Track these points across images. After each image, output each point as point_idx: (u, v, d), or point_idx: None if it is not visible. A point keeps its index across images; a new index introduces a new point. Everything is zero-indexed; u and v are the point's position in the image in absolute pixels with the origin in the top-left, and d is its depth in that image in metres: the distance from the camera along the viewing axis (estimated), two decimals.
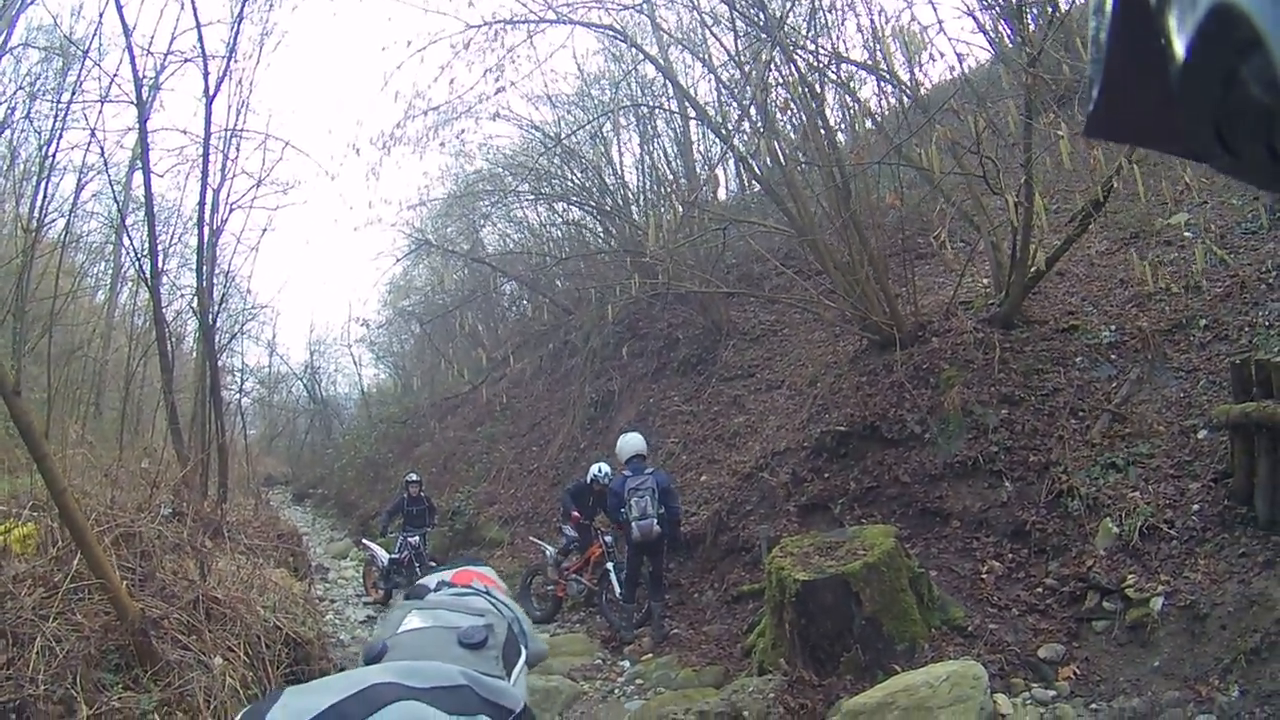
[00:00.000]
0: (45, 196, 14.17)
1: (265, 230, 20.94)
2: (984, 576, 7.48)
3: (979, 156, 8.36)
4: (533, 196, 19.53)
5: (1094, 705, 5.96)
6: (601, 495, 11.18)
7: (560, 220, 21.04)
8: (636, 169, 19.68)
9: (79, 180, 15.12)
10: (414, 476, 14.65)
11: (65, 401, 12.86)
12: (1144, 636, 6.20)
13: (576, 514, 11.32)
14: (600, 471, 11.49)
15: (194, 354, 17.00)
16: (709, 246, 14.14)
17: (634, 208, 18.40)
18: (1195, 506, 6.70)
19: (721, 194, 18.26)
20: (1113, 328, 8.75)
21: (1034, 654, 6.58)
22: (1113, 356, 8.46)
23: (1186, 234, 9.12)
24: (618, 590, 10.35)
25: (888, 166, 10.93)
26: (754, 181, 13.41)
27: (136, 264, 11.75)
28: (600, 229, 19.50)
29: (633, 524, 9.59)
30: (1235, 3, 0.52)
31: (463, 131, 16.02)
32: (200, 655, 4.37)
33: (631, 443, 10.42)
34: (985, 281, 10.47)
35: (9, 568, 4.13)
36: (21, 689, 3.11)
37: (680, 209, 13.09)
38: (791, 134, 11.37)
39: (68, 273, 16.80)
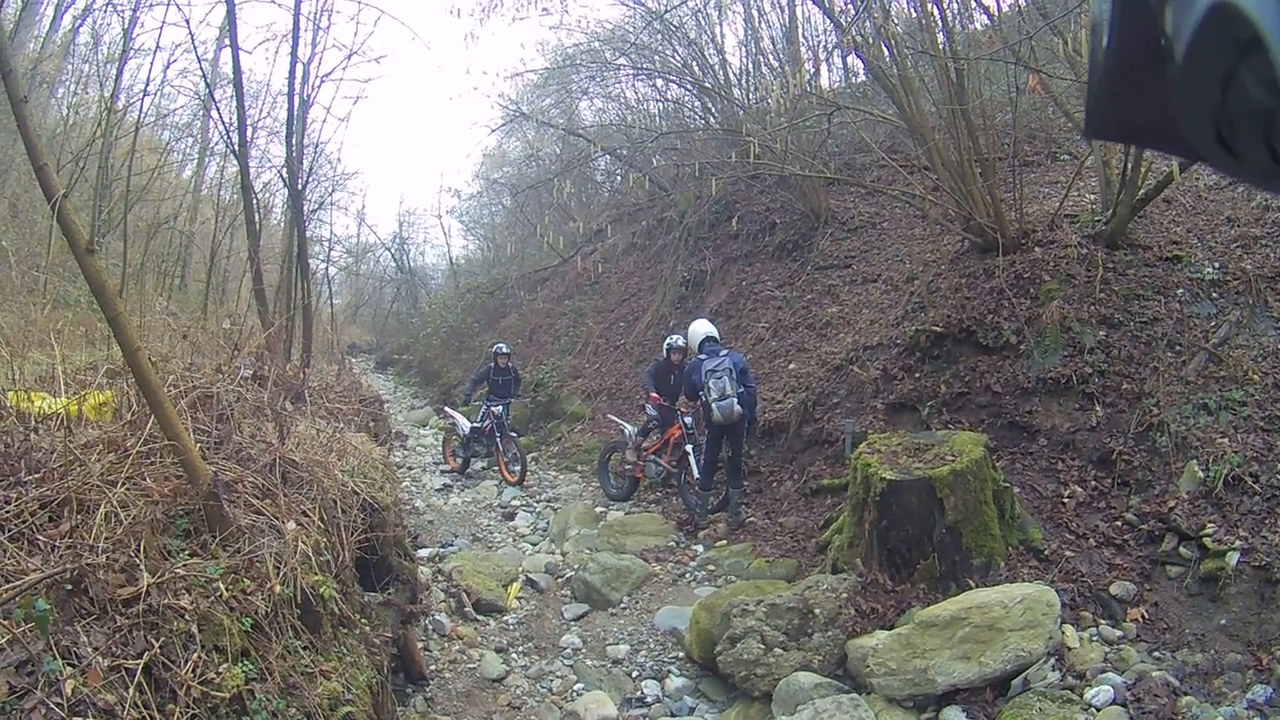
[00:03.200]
0: (131, 78, 14.20)
1: (356, 100, 20.92)
2: (1065, 501, 7.26)
3: None
4: (632, 71, 19.27)
5: (1157, 653, 5.78)
6: (680, 367, 11.11)
7: (659, 98, 20.68)
8: (740, 50, 19.20)
9: (167, 60, 15.23)
10: (504, 347, 14.65)
11: (152, 275, 13.08)
12: (1215, 590, 5.98)
13: (656, 394, 11.26)
14: (675, 340, 11.41)
15: (281, 225, 17.12)
16: (813, 132, 13.67)
17: (735, 89, 17.89)
18: None
19: (825, 83, 17.75)
20: (1216, 265, 8.33)
21: (1106, 589, 6.38)
22: (1214, 294, 8.04)
23: None
24: (696, 473, 10.32)
25: (1001, 70, 10.48)
26: (860, 72, 12.95)
27: (225, 136, 11.73)
28: (700, 107, 19.01)
29: (713, 405, 9.47)
30: (1235, 3, 0.52)
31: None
32: (273, 520, 4.37)
33: (702, 328, 10.30)
34: (1092, 198, 10.02)
35: (80, 435, 4.14)
36: (80, 558, 3.09)
37: (787, 90, 12.70)
38: (906, 24, 10.90)
39: (154, 149, 16.97)
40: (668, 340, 11.59)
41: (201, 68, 12.96)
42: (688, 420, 10.79)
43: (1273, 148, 0.55)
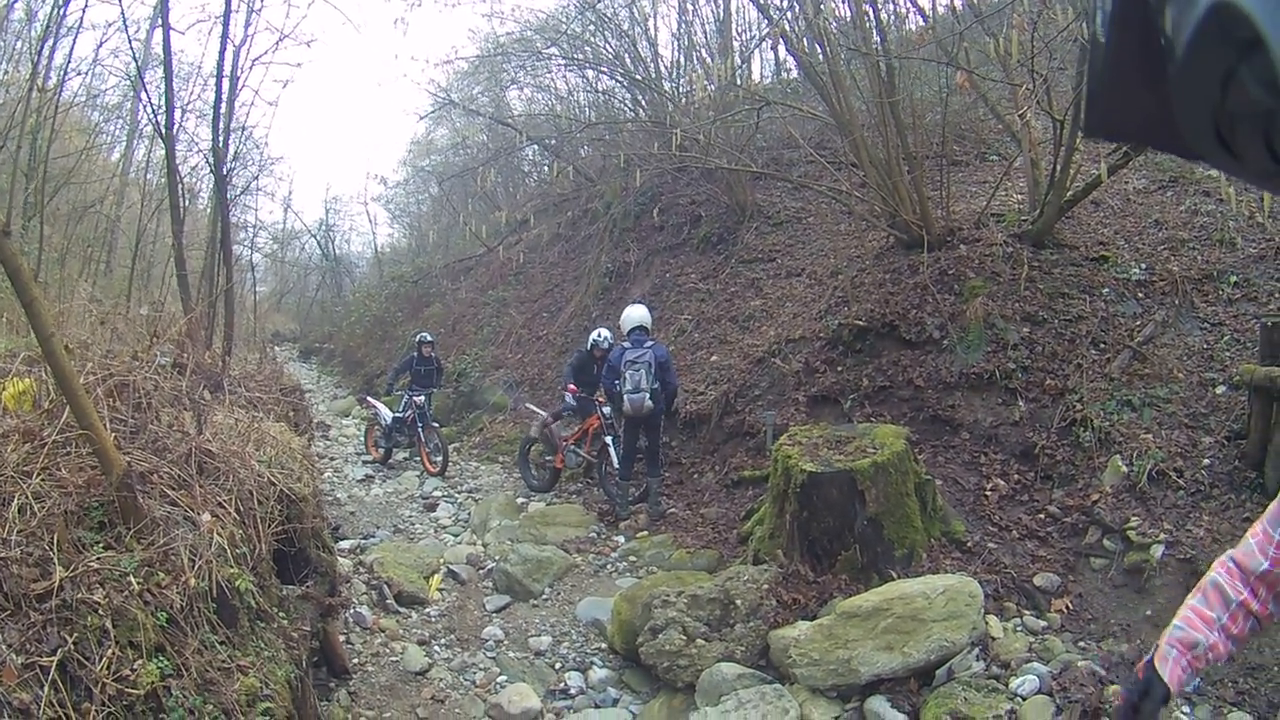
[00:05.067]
0: (63, 57, 13.85)
1: (286, 85, 20.63)
2: (988, 494, 7.43)
3: (1030, 70, 8.12)
4: (563, 62, 19.27)
5: (1083, 643, 5.95)
6: (603, 360, 11.07)
7: (589, 89, 20.71)
8: (674, 43, 19.32)
9: (99, 39, 14.91)
10: (427, 336, 14.61)
11: (76, 260, 12.78)
12: (1140, 582, 6.17)
13: (574, 386, 11.25)
14: (600, 336, 11.45)
15: (207, 210, 16.85)
16: (741, 126, 13.75)
17: (666, 83, 17.94)
18: (1206, 461, 6.62)
19: (756, 77, 17.90)
20: (1143, 266, 8.60)
21: (1029, 580, 6.55)
22: (1140, 295, 8.31)
23: (1227, 189, 8.89)
24: (616, 464, 10.35)
25: (933, 71, 10.65)
26: (792, 68, 13.07)
27: (153, 118, 11.48)
28: (630, 100, 19.07)
29: (624, 396, 9.53)
30: (1235, 2, 0.52)
31: None
32: (189, 512, 4.29)
33: (635, 314, 10.28)
34: (1019, 198, 10.30)
35: None
36: None
37: (712, 79, 12.76)
38: (837, 22, 11.01)
39: (83, 130, 16.57)
40: (593, 334, 11.58)
41: (132, 47, 12.70)
42: (606, 411, 10.80)
43: (1272, 148, 0.56)
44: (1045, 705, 5.07)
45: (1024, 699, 5.16)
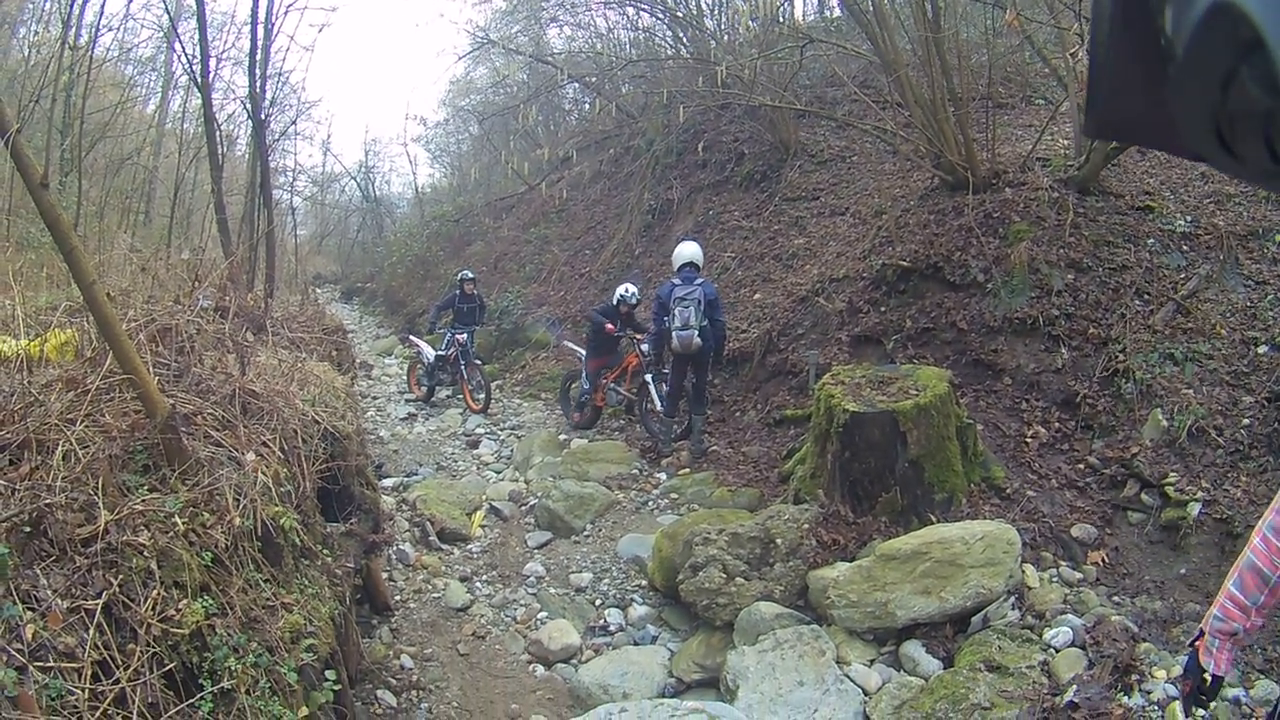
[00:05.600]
0: (94, 15, 13.85)
1: (321, 29, 20.56)
2: (1028, 441, 7.37)
3: (1077, 12, 7.96)
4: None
5: (1117, 598, 5.93)
6: (629, 316, 11.19)
7: (629, 26, 20.48)
8: None
9: None
10: (469, 274, 14.60)
11: (115, 211, 12.86)
12: (1176, 539, 6.15)
13: (611, 326, 11.20)
14: (627, 292, 11.36)
15: (245, 157, 16.88)
16: (784, 63, 13.53)
17: (708, 19, 17.68)
18: (1245, 420, 6.55)
19: (799, 14, 17.60)
20: (1188, 218, 8.44)
21: (1067, 530, 6.52)
22: (1184, 247, 8.16)
23: None
24: (657, 402, 10.36)
25: (979, 11, 10.43)
26: (835, 5, 12.84)
27: (188, 68, 11.49)
28: (671, 37, 18.78)
29: (673, 332, 9.47)
30: (1235, 2, 0.52)
31: None
32: (233, 451, 4.34)
33: (687, 251, 10.16)
34: (1065, 143, 10.04)
35: (40, 375, 4.09)
36: (39, 498, 3.07)
37: (757, 14, 12.58)
38: None
39: (117, 85, 16.61)
40: (620, 289, 11.49)
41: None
42: (644, 348, 10.80)
43: (1273, 148, 0.55)
44: (1078, 658, 5.07)
45: (1057, 651, 5.16)
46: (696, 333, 9.39)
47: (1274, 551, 2.06)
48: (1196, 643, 2.25)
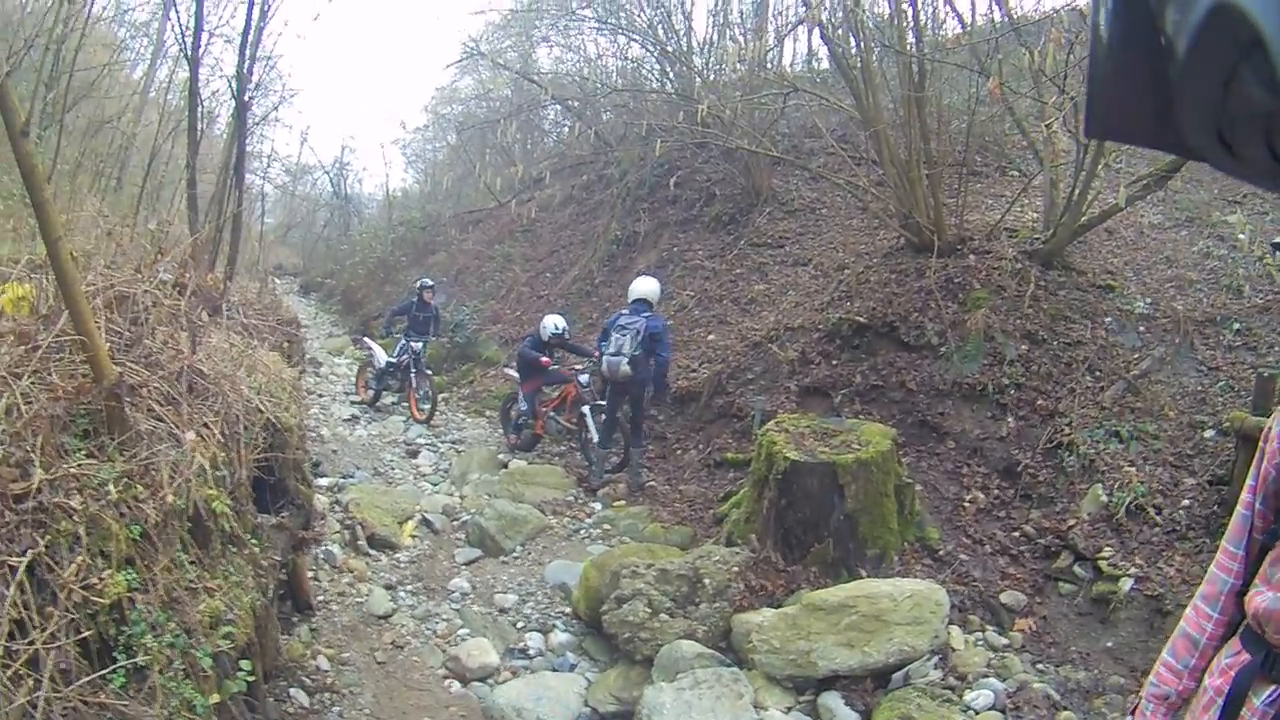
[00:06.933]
0: None
1: (317, 17, 20.49)
2: (966, 504, 7.48)
3: (1060, 88, 8.12)
4: (596, 24, 19.24)
5: (1041, 666, 6.02)
6: (560, 345, 11.50)
7: (618, 55, 20.68)
8: (709, 19, 19.28)
9: None
10: (429, 282, 14.61)
11: (88, 174, 12.70)
12: (1105, 613, 6.23)
13: (546, 359, 11.26)
14: (556, 327, 11.48)
15: (224, 136, 16.78)
16: (766, 109, 13.72)
17: (696, 58, 17.87)
18: (1185, 501, 6.66)
19: (786, 63, 17.85)
20: (1148, 300, 8.67)
21: (996, 596, 6.61)
22: (1141, 328, 8.37)
23: (1240, 236, 8.92)
24: (594, 433, 10.38)
25: (964, 79, 10.63)
26: (824, 58, 13.04)
27: (180, 39, 11.41)
28: (658, 70, 18.97)
29: (605, 356, 9.60)
30: (1235, 2, 0.52)
31: None
32: (174, 428, 4.29)
33: (642, 287, 10.23)
34: (1034, 216, 10.32)
35: None
36: None
37: (743, 56, 12.73)
38: (874, 17, 10.99)
39: (108, 45, 16.47)
40: (547, 322, 11.67)
41: None
42: (583, 379, 10.94)
43: (1273, 148, 0.56)
44: None
45: (977, 713, 5.22)
46: (626, 360, 9.46)
47: (1202, 617, 2.13)
48: (1132, 711, 2.31)
